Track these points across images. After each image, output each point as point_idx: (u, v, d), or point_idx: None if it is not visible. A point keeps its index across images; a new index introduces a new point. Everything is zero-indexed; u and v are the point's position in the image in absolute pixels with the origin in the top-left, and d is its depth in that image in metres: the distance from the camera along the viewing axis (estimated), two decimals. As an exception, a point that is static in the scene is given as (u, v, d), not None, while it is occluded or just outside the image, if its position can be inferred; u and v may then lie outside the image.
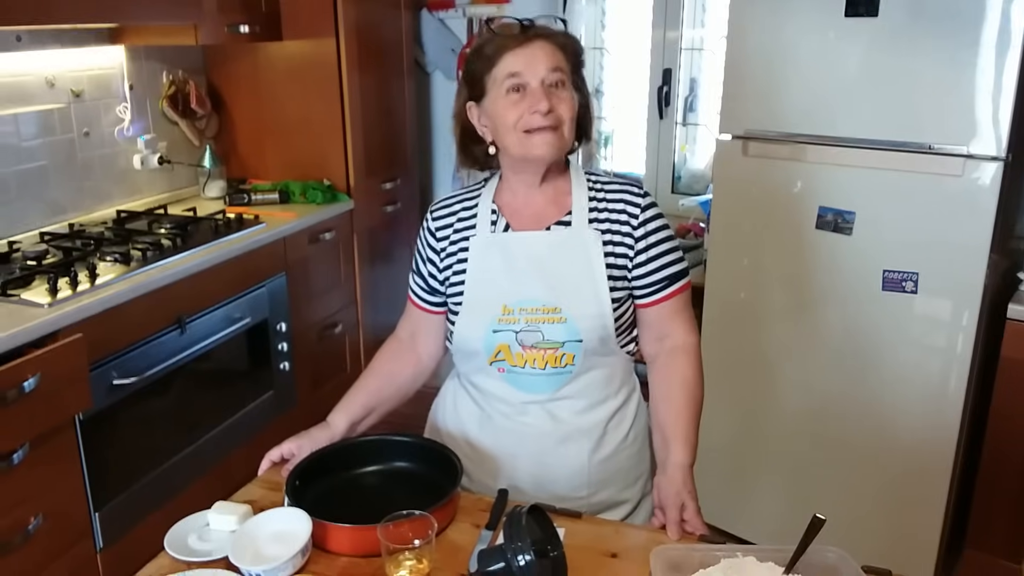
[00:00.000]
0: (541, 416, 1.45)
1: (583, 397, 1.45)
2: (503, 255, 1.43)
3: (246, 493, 1.39)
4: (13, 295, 2.06)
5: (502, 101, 1.36)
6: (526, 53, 1.35)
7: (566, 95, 1.37)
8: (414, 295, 1.56)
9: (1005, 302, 2.22)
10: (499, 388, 1.46)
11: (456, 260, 1.47)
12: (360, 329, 3.36)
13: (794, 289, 2.35)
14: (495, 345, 1.42)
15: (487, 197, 1.48)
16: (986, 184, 2.02)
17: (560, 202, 1.45)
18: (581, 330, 1.39)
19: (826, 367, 2.35)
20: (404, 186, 3.62)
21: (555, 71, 1.35)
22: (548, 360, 1.41)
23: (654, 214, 1.44)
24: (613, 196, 1.44)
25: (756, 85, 2.31)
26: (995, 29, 1.94)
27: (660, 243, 1.44)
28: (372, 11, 3.27)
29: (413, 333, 1.58)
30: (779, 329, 2.41)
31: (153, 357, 2.29)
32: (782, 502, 2.51)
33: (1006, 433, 2.27)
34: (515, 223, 1.45)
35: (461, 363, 1.53)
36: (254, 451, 2.71)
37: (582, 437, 1.46)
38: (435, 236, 1.51)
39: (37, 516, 1.94)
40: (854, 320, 2.27)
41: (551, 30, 1.39)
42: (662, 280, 1.44)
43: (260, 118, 3.28)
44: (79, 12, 2.24)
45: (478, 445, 1.50)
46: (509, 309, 1.40)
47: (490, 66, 1.37)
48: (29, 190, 2.58)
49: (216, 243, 2.55)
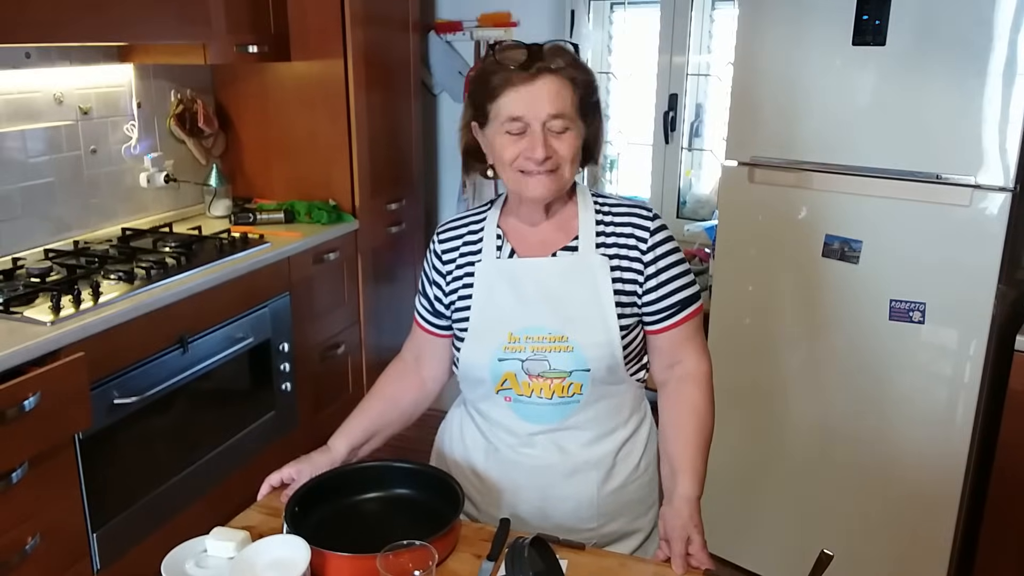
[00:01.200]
0: (548, 448, 1.42)
1: (591, 427, 1.42)
2: (509, 282, 1.40)
3: (245, 518, 1.37)
4: (16, 312, 2.06)
5: (500, 138, 1.34)
6: (529, 93, 1.29)
7: (567, 136, 1.32)
8: (420, 317, 1.54)
9: (1013, 333, 2.20)
10: (505, 417, 1.43)
11: (462, 284, 1.45)
12: (363, 350, 3.35)
13: (800, 317, 2.34)
14: (501, 373, 1.40)
15: (492, 220, 1.46)
16: (994, 214, 2.01)
17: (566, 227, 1.42)
18: (588, 359, 1.36)
19: (832, 396, 2.33)
20: (409, 207, 3.63)
21: (557, 117, 1.30)
22: (555, 389, 1.38)
23: (664, 237, 1.41)
24: (621, 220, 1.41)
25: (762, 112, 2.31)
26: (1003, 59, 1.94)
27: (670, 267, 1.40)
28: (380, 33, 3.29)
29: (418, 356, 1.56)
30: (785, 357, 2.40)
31: (154, 376, 2.28)
32: (789, 533, 2.48)
33: (1014, 467, 2.25)
34: (520, 248, 1.43)
35: (467, 390, 1.50)
36: (254, 472, 2.70)
37: (591, 469, 1.43)
38: (441, 259, 1.49)
39: (35, 536, 1.92)
40: (861, 349, 2.25)
41: (559, 64, 1.31)
42: (673, 306, 1.40)
43: (267, 138, 3.30)
44: (89, 31, 2.26)
45: (485, 476, 1.48)
46: (515, 337, 1.38)
47: (492, 98, 1.33)
48: (35, 207, 2.58)
49: (220, 262, 2.54)
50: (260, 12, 2.97)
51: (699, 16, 3.45)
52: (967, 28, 1.97)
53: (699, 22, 3.46)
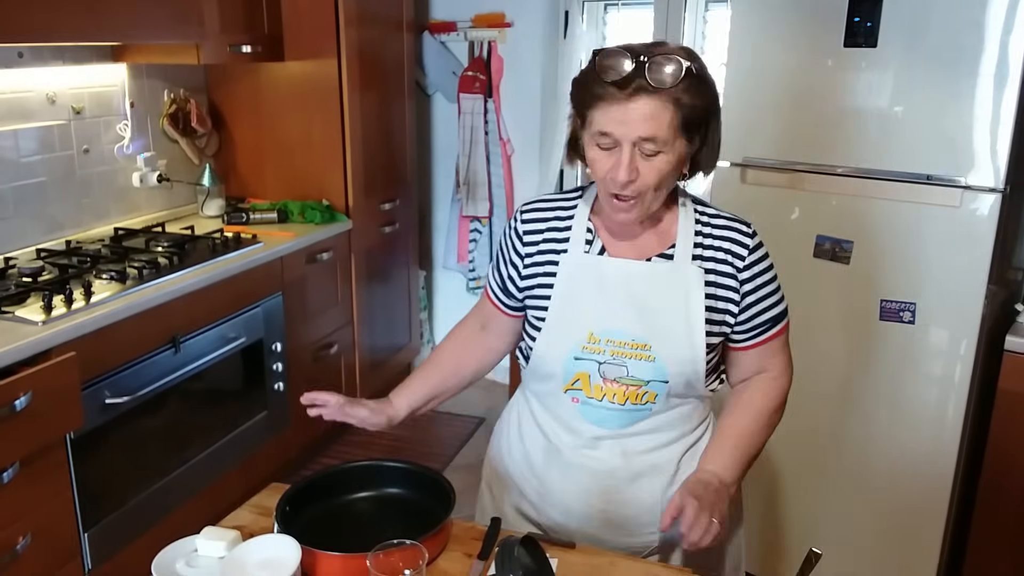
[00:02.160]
0: (613, 451, 1.38)
1: (658, 433, 1.38)
2: (596, 279, 1.34)
3: (236, 518, 1.37)
4: (7, 312, 2.05)
5: (592, 151, 1.27)
6: (623, 111, 1.20)
7: (657, 161, 1.23)
8: (490, 290, 1.49)
9: (1003, 333, 2.22)
10: (571, 417, 1.39)
11: (542, 272, 1.39)
12: (356, 350, 3.35)
13: (792, 317, 2.34)
14: (574, 372, 1.35)
15: (583, 211, 1.38)
16: (984, 215, 2.02)
17: (664, 233, 1.35)
18: (670, 372, 1.32)
19: (823, 396, 2.33)
20: (403, 207, 3.63)
21: (648, 140, 1.21)
22: (629, 396, 1.34)
23: (761, 255, 1.36)
24: (720, 233, 1.35)
25: (754, 113, 2.32)
26: (993, 61, 1.95)
27: (764, 286, 1.36)
28: (374, 33, 3.29)
29: (484, 326, 1.53)
30: (776, 357, 2.40)
31: (146, 376, 2.27)
32: (778, 532, 2.49)
33: (1003, 467, 2.26)
34: (611, 247, 1.36)
35: (534, 383, 1.46)
36: (246, 472, 2.72)
37: (655, 474, 1.39)
38: (522, 240, 1.42)
39: (26, 535, 1.92)
40: (852, 349, 2.26)
41: (661, 81, 1.19)
42: (762, 324, 1.37)
43: (260, 137, 3.29)
44: (82, 30, 2.25)
45: (545, 477, 1.44)
46: (596, 338, 1.33)
47: (588, 106, 1.24)
48: (27, 206, 2.58)
49: (213, 262, 2.54)
50: (254, 12, 2.97)
51: (692, 17, 3.46)
52: (958, 30, 1.98)
53: (692, 23, 3.47)
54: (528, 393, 1.49)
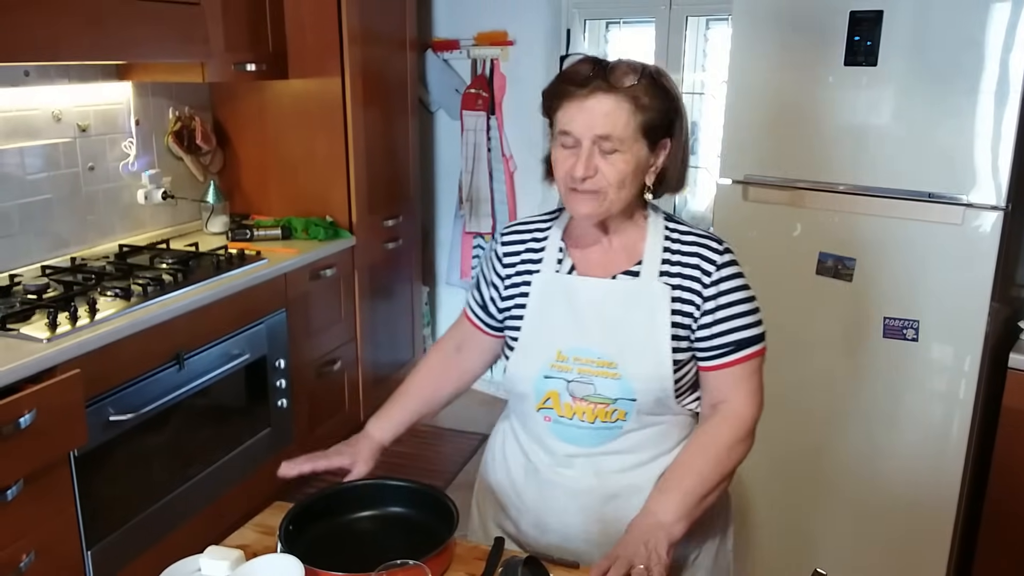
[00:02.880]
0: (586, 470, 1.39)
1: (633, 453, 1.38)
2: (565, 298, 1.37)
3: (239, 537, 1.37)
4: (12, 329, 2.06)
5: (557, 151, 1.31)
6: (582, 108, 1.26)
7: (615, 158, 1.27)
8: (470, 310, 1.52)
9: (1007, 351, 2.21)
10: (544, 435, 1.41)
11: (519, 293, 1.42)
12: (359, 367, 3.35)
13: (794, 334, 2.35)
14: (545, 391, 1.37)
15: (557, 232, 1.43)
16: (986, 233, 2.03)
17: (631, 249, 1.37)
18: (636, 390, 1.33)
19: (826, 413, 2.33)
20: (406, 223, 3.64)
21: (605, 139, 1.25)
22: (598, 414, 1.35)
23: (731, 273, 1.35)
24: (689, 249, 1.35)
25: (756, 130, 2.33)
26: (994, 79, 1.96)
27: (732, 305, 1.33)
28: (378, 51, 3.31)
29: (460, 346, 1.55)
30: (779, 374, 2.39)
31: (150, 393, 2.28)
32: (782, 550, 2.48)
33: (1009, 485, 2.25)
34: (581, 266, 1.39)
35: (512, 402, 1.49)
36: (249, 490, 2.71)
37: (632, 495, 1.37)
38: (502, 262, 1.46)
39: (29, 553, 1.91)
40: (855, 366, 2.26)
41: (623, 83, 1.25)
42: (727, 345, 1.34)
43: (264, 155, 3.31)
44: (88, 49, 2.27)
45: (524, 494, 1.46)
46: (564, 356, 1.35)
47: (555, 109, 1.30)
48: (32, 223, 2.59)
49: (217, 279, 2.55)
50: (258, 31, 2.99)
51: (693, 35, 3.48)
52: (958, 49, 1.99)
53: (693, 40, 3.49)
54: (511, 413, 1.52)
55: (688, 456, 1.35)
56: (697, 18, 3.44)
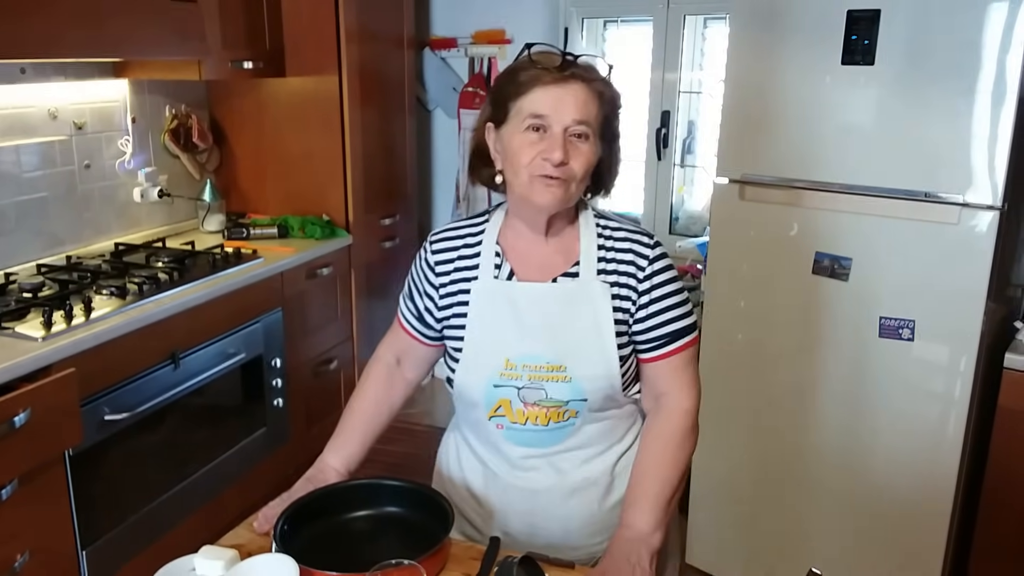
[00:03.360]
0: (545, 470, 1.40)
1: (587, 447, 1.40)
2: (508, 304, 1.36)
3: (234, 537, 1.37)
4: (7, 328, 2.05)
5: (519, 137, 1.29)
6: (558, 93, 1.26)
7: (585, 148, 1.29)
8: (406, 321, 1.50)
9: (1002, 350, 2.22)
10: (498, 442, 1.41)
11: (456, 302, 1.41)
12: (355, 366, 3.34)
13: (791, 333, 2.35)
14: (496, 400, 1.37)
15: (491, 236, 1.41)
16: (982, 232, 2.03)
17: (568, 251, 1.38)
18: (586, 390, 1.34)
19: (822, 412, 2.33)
20: (403, 222, 3.64)
21: (581, 124, 1.27)
22: (551, 416, 1.36)
23: (663, 266, 1.37)
24: (622, 245, 1.37)
25: (753, 130, 2.33)
26: (991, 79, 1.96)
27: (665, 297, 1.36)
28: (375, 49, 3.31)
29: (400, 357, 1.54)
30: (775, 373, 2.40)
31: (145, 392, 2.27)
32: (778, 549, 2.48)
33: (1005, 484, 2.26)
34: (520, 271, 1.38)
35: (461, 411, 1.48)
36: (245, 489, 2.71)
37: (589, 486, 1.41)
38: (434, 271, 1.44)
39: (24, 553, 1.91)
40: (851, 366, 2.26)
41: (592, 74, 1.29)
42: (663, 336, 1.37)
43: (261, 153, 3.31)
44: (84, 47, 2.26)
45: (484, 500, 1.46)
46: (512, 364, 1.35)
47: (518, 95, 1.28)
48: (28, 221, 2.58)
49: (213, 277, 2.55)
50: (255, 28, 2.98)
51: (691, 34, 3.48)
52: (955, 49, 1.99)
53: (691, 40, 3.49)
54: (461, 423, 1.51)
55: (647, 464, 1.37)
56: (695, 17, 3.44)
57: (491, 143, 1.37)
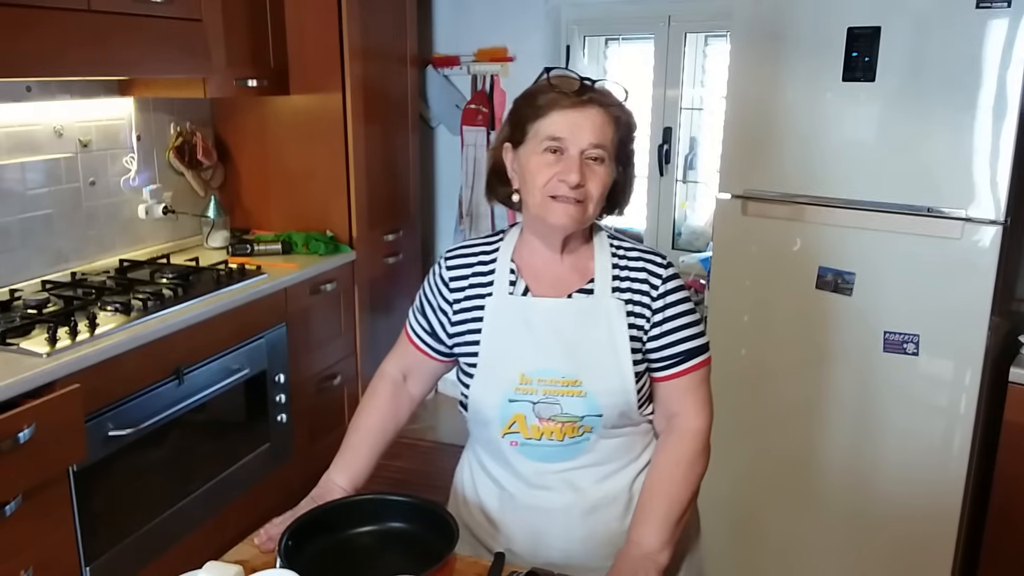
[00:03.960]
0: (560, 488, 1.40)
1: (603, 464, 1.40)
2: (523, 320, 1.37)
3: (238, 552, 1.36)
4: (12, 344, 2.06)
5: (536, 158, 1.31)
6: (576, 117, 1.29)
7: (601, 171, 1.31)
8: (416, 337, 1.50)
9: (1007, 364, 2.21)
10: (513, 459, 1.41)
11: (471, 318, 1.41)
12: (359, 381, 3.34)
13: (795, 348, 2.35)
14: (511, 415, 1.37)
15: (506, 253, 1.42)
16: (986, 247, 2.03)
17: (583, 268, 1.39)
18: (602, 405, 1.34)
19: (827, 427, 2.33)
20: (406, 238, 3.65)
21: (597, 147, 1.29)
22: (566, 431, 1.36)
23: (675, 286, 1.39)
24: (635, 264, 1.39)
25: (755, 146, 2.34)
26: (992, 95, 1.97)
27: (678, 316, 1.38)
28: (379, 67, 3.33)
29: (407, 373, 1.54)
30: (779, 388, 2.40)
31: (150, 408, 2.27)
32: (782, 564, 2.47)
33: (1012, 499, 2.25)
34: (535, 287, 1.39)
35: (474, 430, 1.48)
36: (249, 504, 2.70)
37: (609, 504, 1.40)
38: (448, 287, 1.45)
39: (28, 569, 1.90)
40: (855, 380, 2.26)
41: (608, 99, 1.32)
42: (677, 355, 1.38)
43: (265, 170, 3.32)
44: (89, 65, 2.28)
45: (502, 524, 1.45)
46: (527, 378, 1.35)
47: (536, 117, 1.31)
48: (33, 238, 2.59)
49: (217, 293, 2.55)
50: (260, 47, 3.01)
51: (692, 51, 3.50)
52: (956, 65, 2.00)
53: (692, 56, 3.51)
54: (475, 444, 1.51)
55: (657, 482, 1.37)
56: (696, 34, 3.47)
57: (508, 163, 1.39)
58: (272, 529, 1.36)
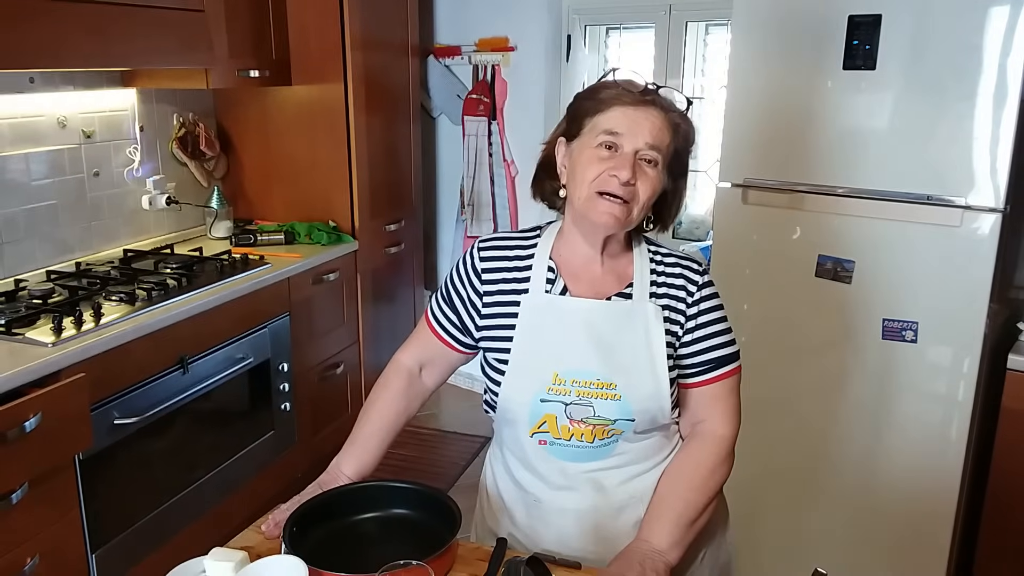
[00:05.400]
0: (585, 488, 1.39)
1: (630, 465, 1.39)
2: (558, 319, 1.35)
3: (243, 539, 1.38)
4: (18, 334, 2.07)
5: (590, 152, 1.30)
6: (635, 116, 1.28)
7: (652, 174, 1.30)
8: (439, 327, 1.47)
9: (1006, 351, 2.22)
10: (539, 459, 1.39)
11: (503, 312, 1.39)
12: (362, 370, 3.36)
13: (794, 336, 2.36)
14: (541, 415, 1.35)
15: (544, 250, 1.40)
16: (985, 234, 2.04)
17: (621, 273, 1.38)
18: (635, 410, 1.33)
19: (826, 415, 2.34)
20: (408, 228, 3.66)
21: (653, 149, 1.28)
22: (596, 434, 1.34)
23: (710, 293, 1.38)
24: (673, 270, 1.38)
25: (755, 134, 2.35)
26: (992, 82, 1.97)
27: (712, 324, 1.37)
28: (380, 57, 3.34)
29: (424, 363, 1.51)
30: (779, 375, 2.41)
31: (154, 397, 2.29)
32: (782, 551, 2.49)
33: (1009, 486, 2.26)
34: (573, 287, 1.37)
35: (501, 431, 1.47)
36: (254, 492, 2.73)
37: (637, 504, 1.39)
38: (480, 279, 1.42)
39: (34, 557, 1.93)
40: (855, 368, 2.27)
41: (670, 105, 1.32)
42: (708, 363, 1.37)
43: (268, 160, 3.33)
44: (92, 56, 2.29)
45: (530, 532, 1.43)
46: (561, 379, 1.33)
47: (596, 111, 1.31)
48: (37, 229, 2.61)
49: (221, 283, 2.57)
50: (262, 37, 3.01)
51: (693, 40, 3.49)
52: (956, 53, 2.01)
53: (693, 45, 3.50)
54: (501, 447, 1.49)
55: (674, 483, 1.37)
56: (697, 23, 3.46)
57: (559, 157, 1.38)
58: (279, 515, 1.37)
